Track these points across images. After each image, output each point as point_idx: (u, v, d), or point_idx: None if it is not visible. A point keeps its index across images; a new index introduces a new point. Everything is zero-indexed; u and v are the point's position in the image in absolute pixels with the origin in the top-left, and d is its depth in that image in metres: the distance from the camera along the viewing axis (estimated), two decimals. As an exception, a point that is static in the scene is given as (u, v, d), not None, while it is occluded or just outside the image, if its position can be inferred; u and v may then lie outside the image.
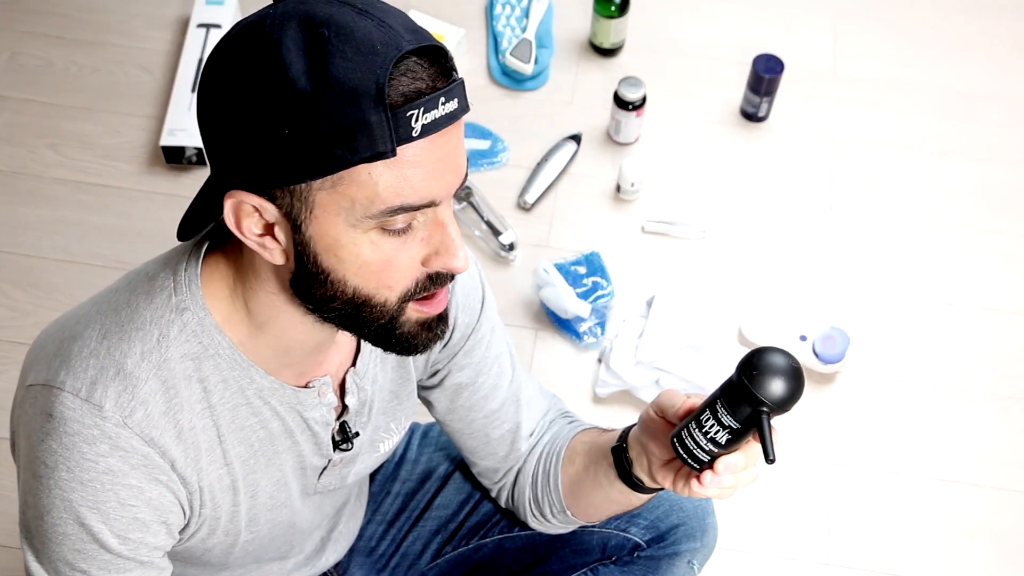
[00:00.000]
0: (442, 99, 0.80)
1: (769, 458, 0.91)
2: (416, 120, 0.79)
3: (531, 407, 1.23)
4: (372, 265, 0.85)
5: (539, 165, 2.13)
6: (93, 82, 2.25)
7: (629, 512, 1.28)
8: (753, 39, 2.35)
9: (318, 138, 0.78)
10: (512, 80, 2.26)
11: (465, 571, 1.34)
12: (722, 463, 0.95)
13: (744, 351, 1.90)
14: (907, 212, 2.14)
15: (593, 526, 1.29)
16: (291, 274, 0.88)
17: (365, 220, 0.82)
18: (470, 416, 1.19)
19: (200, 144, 2.09)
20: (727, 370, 1.90)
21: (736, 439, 0.94)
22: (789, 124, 2.24)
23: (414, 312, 0.90)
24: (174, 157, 2.10)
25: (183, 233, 0.92)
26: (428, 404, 1.21)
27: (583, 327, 1.93)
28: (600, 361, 1.92)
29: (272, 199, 0.83)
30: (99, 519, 0.90)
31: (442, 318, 0.93)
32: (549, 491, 1.21)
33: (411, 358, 1.11)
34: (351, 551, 1.35)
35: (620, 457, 1.10)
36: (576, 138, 2.17)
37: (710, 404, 0.95)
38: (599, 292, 1.98)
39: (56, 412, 0.88)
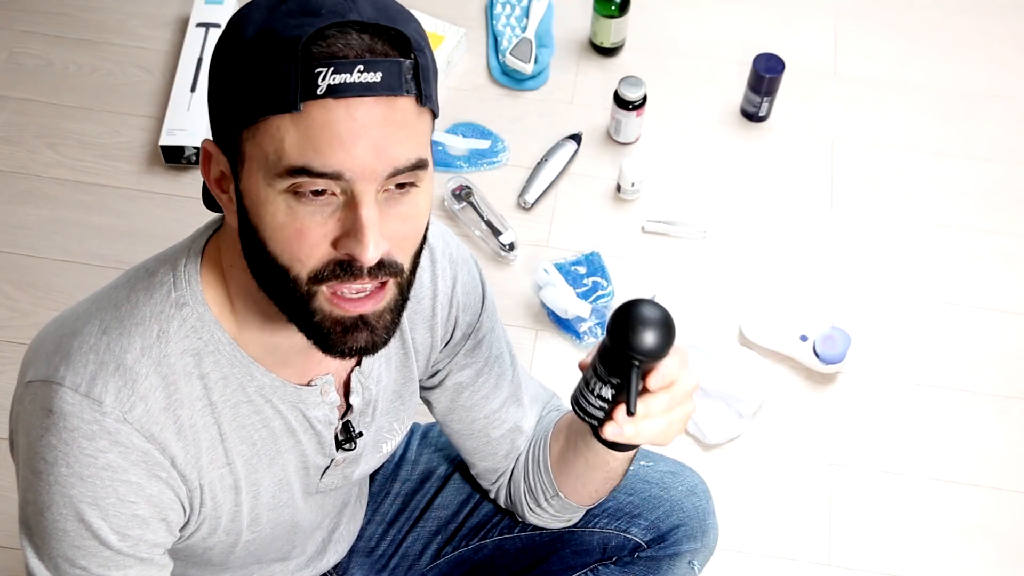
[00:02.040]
0: (360, 67, 0.80)
1: (630, 410, 0.94)
2: (323, 78, 0.79)
3: (531, 407, 1.23)
4: (284, 230, 0.84)
5: (539, 165, 2.12)
6: (92, 82, 2.24)
7: (629, 512, 1.28)
8: (753, 39, 2.35)
9: (243, 86, 0.82)
10: (512, 80, 2.26)
11: (465, 572, 1.34)
12: (619, 413, 0.96)
13: (745, 351, 1.90)
14: (907, 212, 2.13)
15: (594, 526, 1.29)
16: (239, 236, 0.89)
17: (276, 179, 0.82)
18: (470, 416, 1.19)
19: (198, 144, 2.09)
20: (728, 370, 1.90)
21: (620, 392, 0.97)
22: (789, 124, 2.24)
23: (326, 301, 0.86)
24: (173, 157, 2.10)
25: (207, 200, 0.98)
26: (428, 404, 1.21)
27: (583, 327, 1.92)
28: (600, 361, 1.92)
29: (221, 148, 0.87)
30: (98, 515, 0.90)
31: (367, 324, 0.88)
32: (540, 474, 1.21)
33: (413, 357, 1.11)
34: (351, 551, 1.35)
35: None
36: (576, 138, 2.16)
37: (592, 364, 0.98)
38: (599, 292, 1.98)
39: (56, 407, 0.88)
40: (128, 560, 0.93)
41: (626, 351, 0.93)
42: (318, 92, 0.79)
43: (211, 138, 0.89)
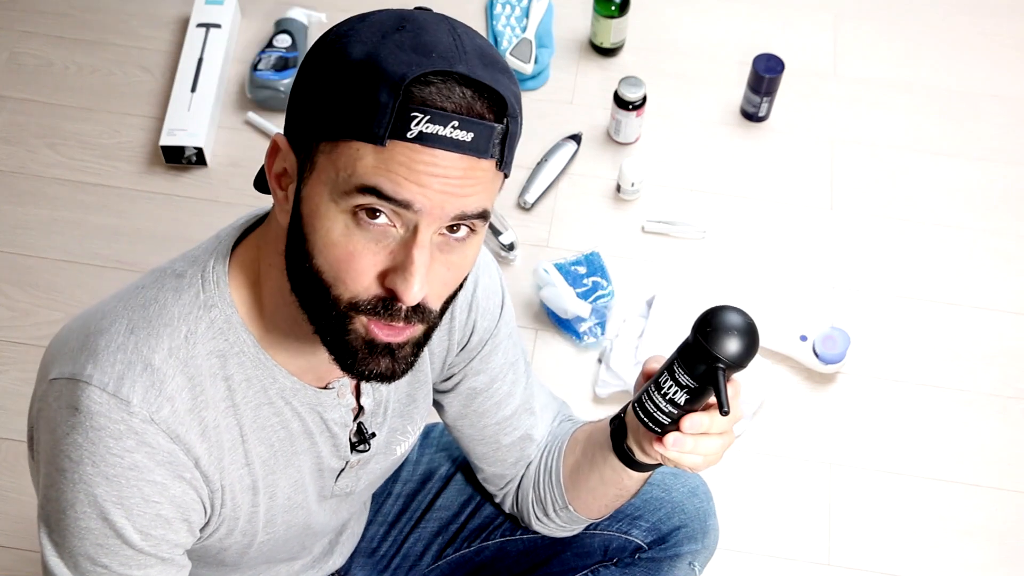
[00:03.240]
0: (455, 123, 0.80)
1: (724, 409, 0.93)
2: (417, 124, 0.79)
3: (542, 415, 1.23)
4: (335, 249, 0.84)
5: (539, 165, 2.13)
6: (93, 82, 2.24)
7: (630, 514, 1.28)
8: (753, 39, 2.35)
9: (337, 103, 0.82)
10: (512, 80, 2.26)
11: (467, 573, 1.34)
12: (687, 421, 0.96)
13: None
14: (907, 212, 2.14)
15: (595, 528, 1.29)
16: (286, 236, 0.89)
17: (343, 197, 0.82)
18: (482, 422, 1.19)
19: (199, 144, 2.09)
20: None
21: (694, 399, 0.96)
22: (789, 124, 2.24)
23: (362, 327, 0.87)
24: (173, 157, 2.10)
25: (258, 183, 0.99)
26: (439, 407, 1.21)
27: (583, 327, 1.92)
28: (600, 361, 1.92)
29: (293, 148, 0.87)
30: (123, 514, 0.90)
31: (393, 353, 0.89)
32: (551, 485, 1.21)
33: (427, 359, 1.11)
34: (353, 552, 1.35)
35: (616, 426, 1.10)
36: (576, 138, 2.16)
37: (668, 366, 0.97)
38: (599, 292, 1.98)
39: (82, 406, 0.88)
40: (150, 560, 0.93)
41: (716, 355, 0.92)
42: (408, 135, 0.80)
43: (283, 132, 0.89)
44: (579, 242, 2.06)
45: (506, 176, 0.89)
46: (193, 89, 2.16)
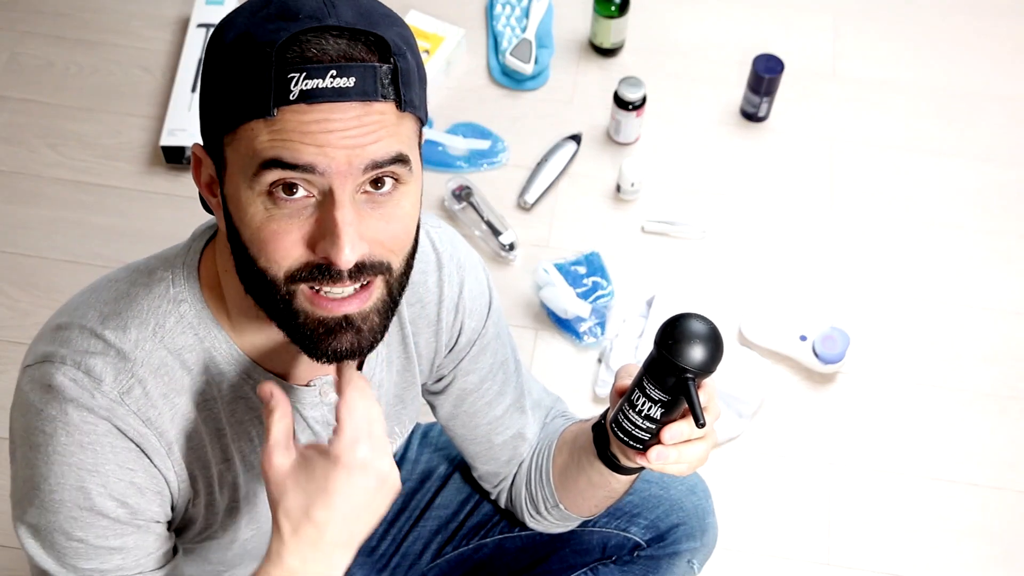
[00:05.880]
0: (333, 72, 0.79)
1: (699, 421, 0.92)
2: (296, 84, 0.79)
3: (534, 413, 1.23)
4: (261, 232, 0.83)
5: (539, 165, 2.13)
6: (93, 82, 2.25)
7: (629, 512, 1.28)
8: (753, 39, 2.35)
9: (223, 92, 0.82)
10: (512, 80, 2.26)
11: (466, 571, 1.34)
12: (668, 432, 0.95)
13: (745, 351, 1.90)
14: (907, 212, 2.14)
15: (593, 526, 1.29)
16: (228, 241, 0.89)
17: (252, 179, 0.82)
18: (473, 422, 1.19)
19: (200, 144, 2.09)
20: (728, 370, 1.90)
21: (669, 411, 0.95)
22: (789, 124, 2.24)
23: (307, 301, 0.85)
24: (174, 157, 2.11)
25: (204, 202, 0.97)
26: (432, 407, 1.21)
27: (583, 327, 1.93)
28: (600, 361, 1.92)
29: (209, 152, 0.87)
30: (98, 482, 0.89)
31: (352, 325, 0.86)
32: (542, 485, 1.21)
33: (416, 361, 1.11)
34: (351, 551, 1.35)
35: (598, 433, 1.10)
36: (576, 138, 2.17)
37: (638, 383, 0.96)
38: (599, 292, 1.98)
39: (56, 382, 0.89)
40: (125, 528, 0.92)
41: (682, 366, 0.92)
42: (291, 97, 0.79)
43: (201, 143, 0.89)
44: (579, 242, 2.06)
45: (421, 120, 0.87)
46: (193, 89, 2.16)
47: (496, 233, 2.02)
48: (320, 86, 0.79)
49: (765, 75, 2.14)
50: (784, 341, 1.92)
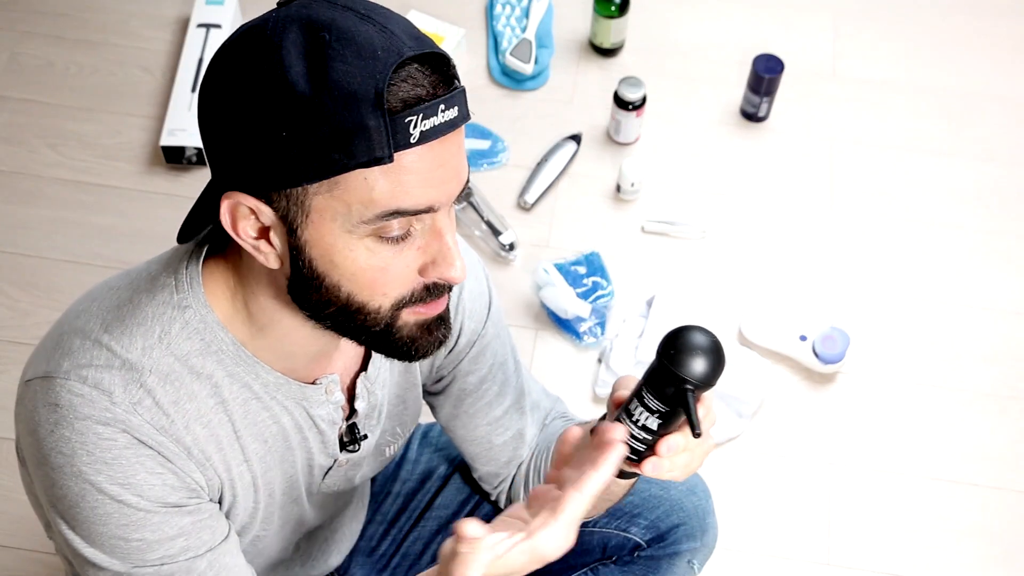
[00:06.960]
0: (442, 106, 0.80)
1: (696, 431, 0.93)
2: (414, 127, 0.79)
3: (534, 414, 1.23)
4: (367, 272, 0.84)
5: (539, 165, 2.13)
6: (93, 82, 2.25)
7: (629, 512, 1.28)
8: (753, 39, 2.35)
9: (316, 141, 0.78)
10: (512, 80, 2.27)
11: (465, 571, 1.34)
12: (665, 444, 0.95)
13: (744, 351, 1.90)
14: (907, 212, 2.14)
15: (594, 526, 1.29)
16: (287, 279, 0.87)
17: (361, 226, 0.81)
18: (473, 423, 1.19)
19: (200, 144, 2.09)
20: (728, 370, 1.90)
21: (667, 422, 0.95)
22: (789, 124, 2.24)
23: (410, 316, 0.88)
24: (174, 157, 2.11)
25: (183, 236, 0.92)
26: (432, 408, 1.21)
27: (583, 327, 1.93)
28: (600, 361, 1.92)
29: (269, 202, 0.83)
30: (134, 492, 0.89)
31: (443, 320, 0.91)
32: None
33: (416, 364, 1.11)
34: (352, 551, 1.35)
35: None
36: (576, 138, 2.17)
37: (636, 393, 0.96)
38: (599, 292, 1.98)
39: (63, 400, 0.87)
40: (179, 513, 0.92)
41: (683, 377, 0.91)
42: (411, 141, 0.79)
43: (230, 188, 0.83)
44: (579, 242, 2.06)
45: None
46: (194, 89, 2.16)
47: (496, 233, 2.02)
48: (436, 124, 0.80)
49: (765, 75, 2.14)
50: (784, 341, 1.92)
